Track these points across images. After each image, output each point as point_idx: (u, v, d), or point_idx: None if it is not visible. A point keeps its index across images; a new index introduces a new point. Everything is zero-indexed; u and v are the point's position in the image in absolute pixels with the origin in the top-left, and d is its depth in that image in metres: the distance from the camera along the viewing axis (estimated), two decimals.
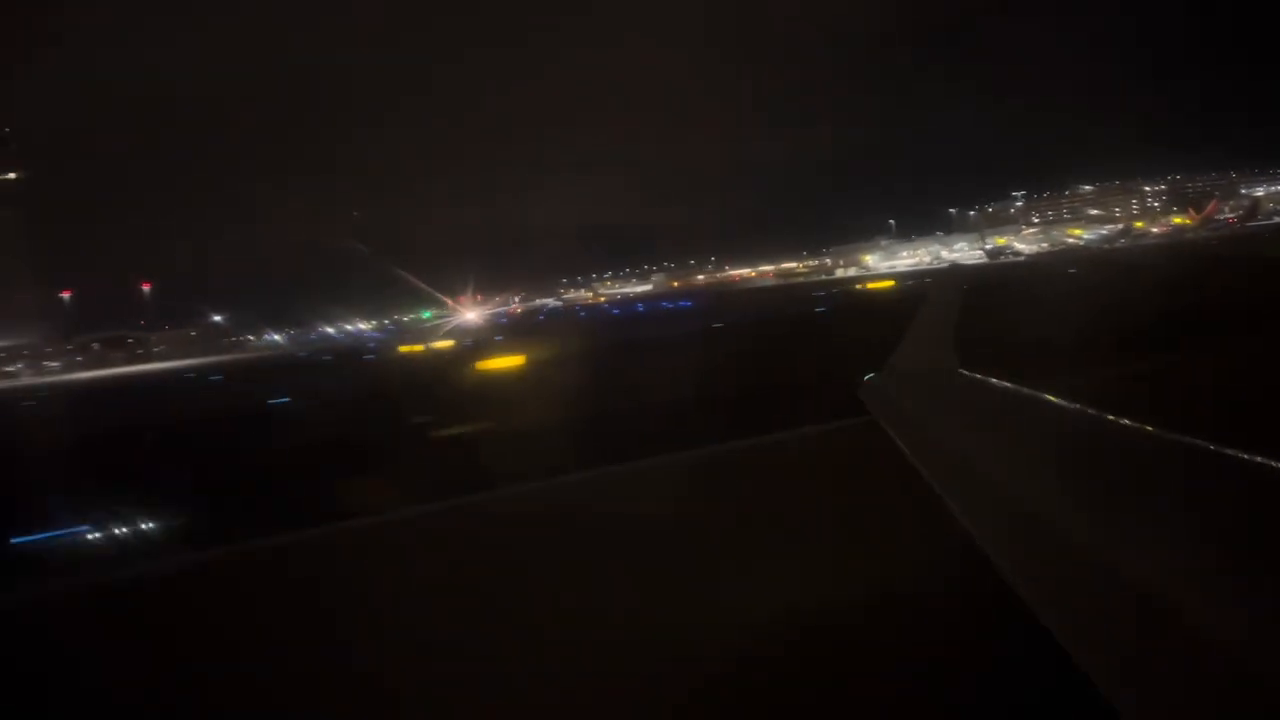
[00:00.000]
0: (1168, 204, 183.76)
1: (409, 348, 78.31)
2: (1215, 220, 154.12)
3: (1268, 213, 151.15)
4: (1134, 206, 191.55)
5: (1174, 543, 2.43)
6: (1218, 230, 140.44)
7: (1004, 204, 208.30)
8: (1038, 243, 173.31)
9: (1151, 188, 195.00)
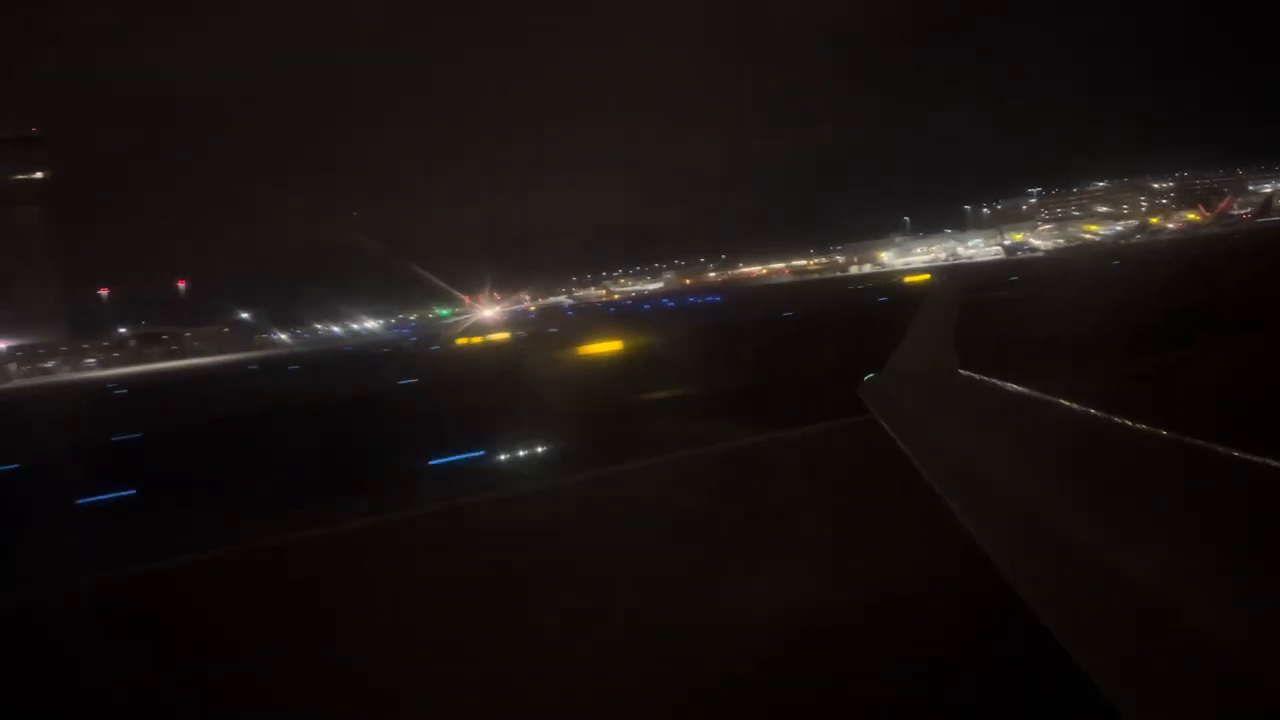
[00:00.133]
0: (1176, 201, 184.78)
1: (466, 339, 78.88)
2: (1229, 216, 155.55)
3: (1279, 209, 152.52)
4: (1142, 203, 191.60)
5: (1174, 543, 2.43)
6: (1231, 226, 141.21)
7: (1014, 201, 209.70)
8: (1054, 239, 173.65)
9: (1160, 185, 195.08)
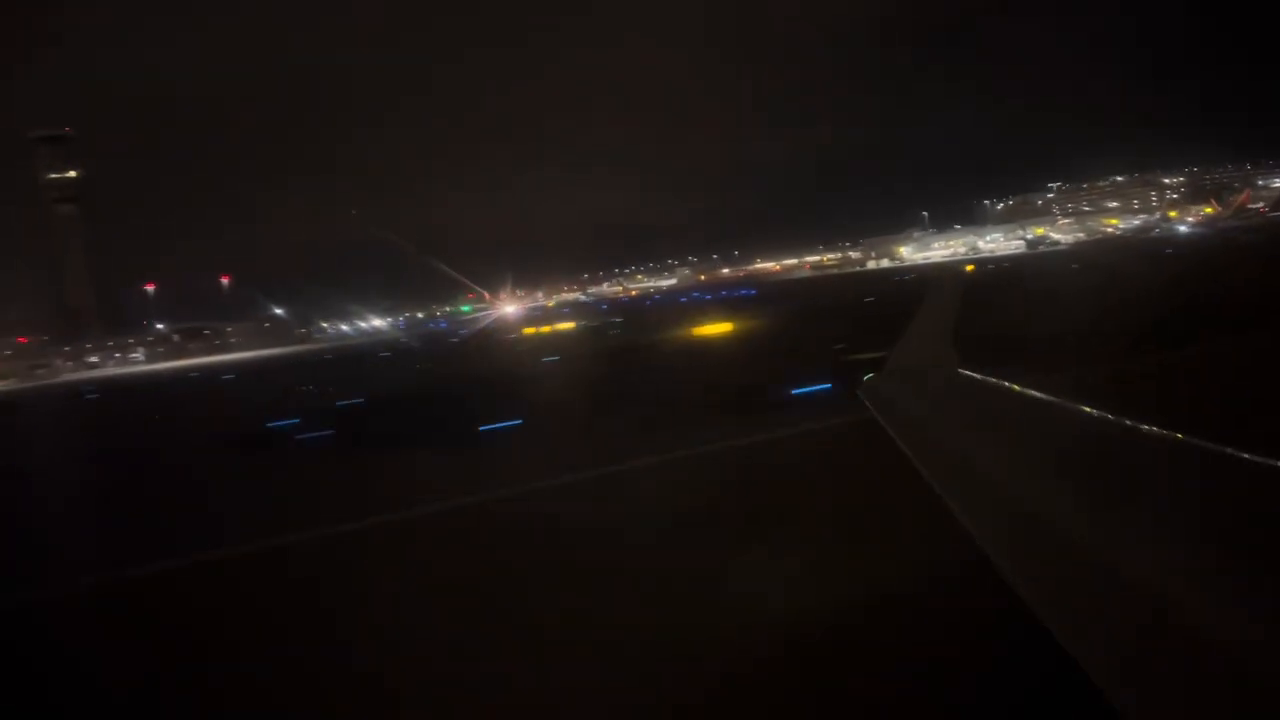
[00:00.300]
0: (1188, 196, 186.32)
1: (532, 329, 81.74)
2: (1246, 210, 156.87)
3: None
4: (1153, 198, 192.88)
5: (1174, 543, 2.44)
6: (1248, 220, 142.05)
7: (1026, 197, 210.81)
8: (1074, 233, 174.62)
9: (1170, 180, 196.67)
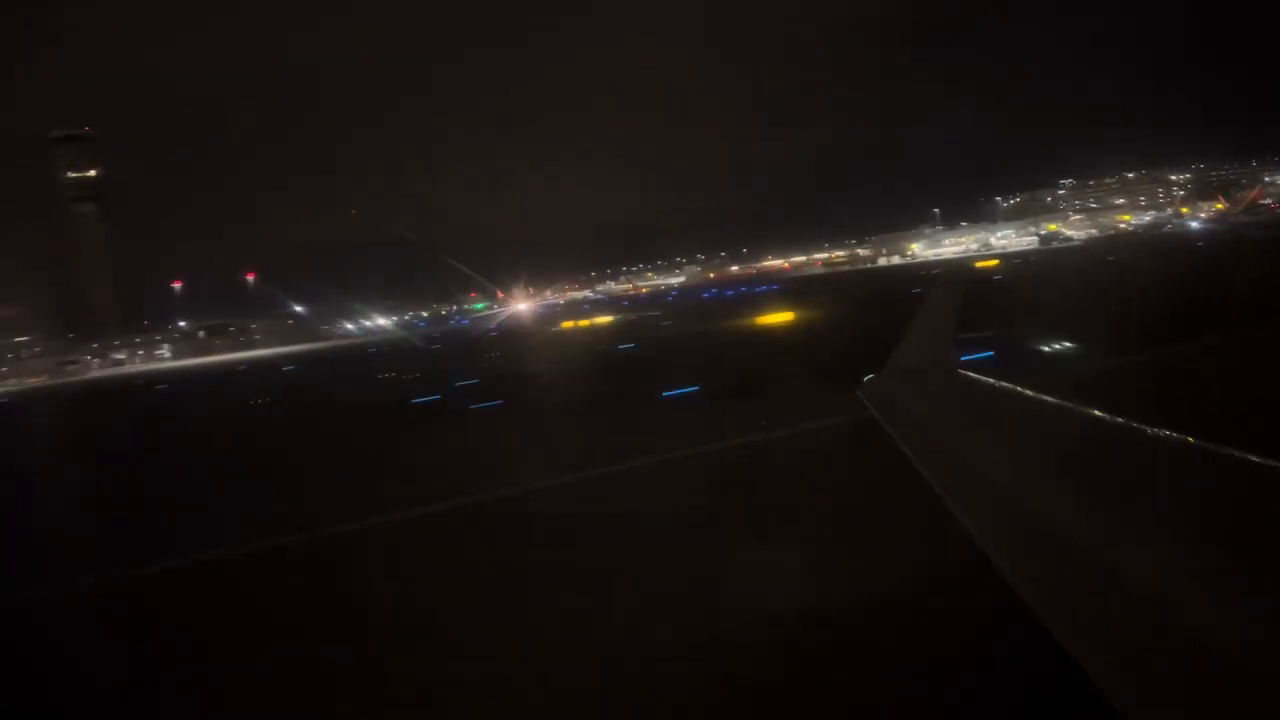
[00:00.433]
0: (1194, 193, 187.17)
1: (570, 323, 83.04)
2: (1258, 206, 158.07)
3: None
4: (1160, 195, 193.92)
5: (1174, 543, 2.44)
6: (1259, 216, 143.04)
7: (1034, 194, 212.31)
8: (1086, 229, 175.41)
9: (1177, 177, 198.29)
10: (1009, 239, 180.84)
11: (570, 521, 12.20)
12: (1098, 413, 3.59)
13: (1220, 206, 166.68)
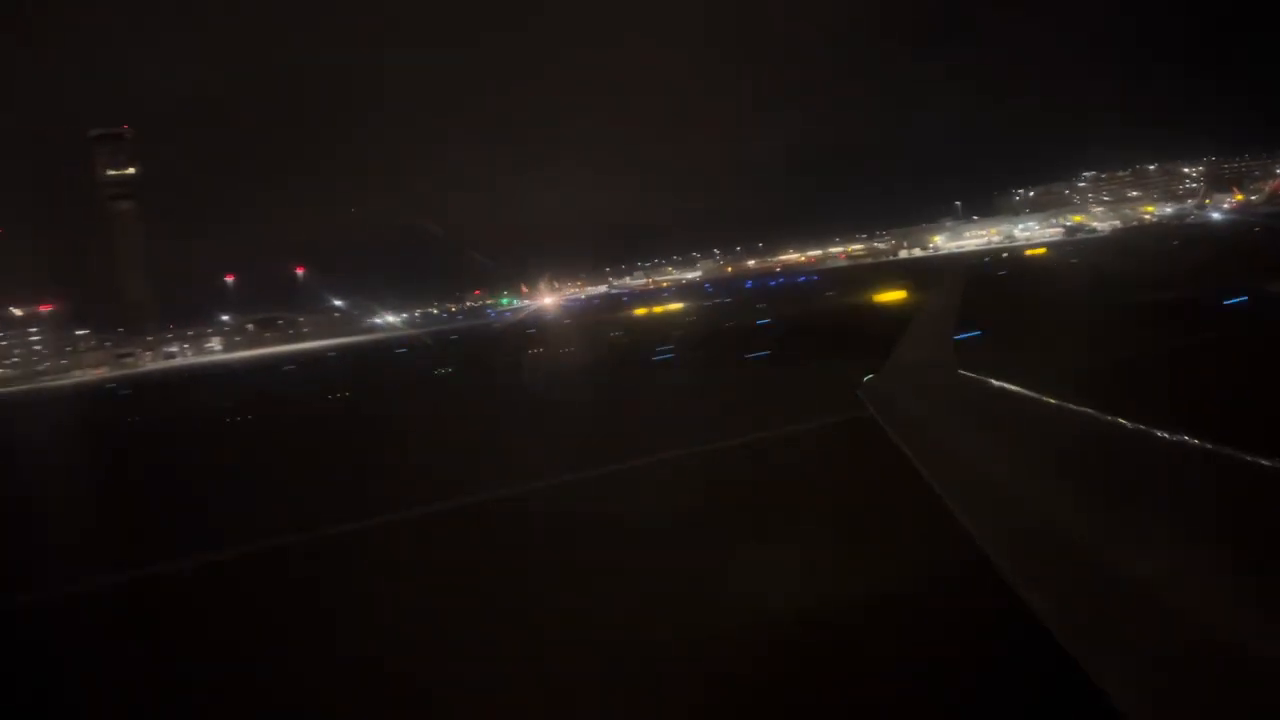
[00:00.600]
0: (1208, 185, 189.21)
1: (643, 310, 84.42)
2: (1278, 196, 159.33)
3: None
4: (1178, 187, 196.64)
5: (1174, 543, 2.44)
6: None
7: (1048, 187, 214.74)
8: (1109, 220, 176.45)
9: (1190, 169, 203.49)
10: (1032, 231, 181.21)
11: None
12: (1096, 413, 3.58)
13: (1240, 198, 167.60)
